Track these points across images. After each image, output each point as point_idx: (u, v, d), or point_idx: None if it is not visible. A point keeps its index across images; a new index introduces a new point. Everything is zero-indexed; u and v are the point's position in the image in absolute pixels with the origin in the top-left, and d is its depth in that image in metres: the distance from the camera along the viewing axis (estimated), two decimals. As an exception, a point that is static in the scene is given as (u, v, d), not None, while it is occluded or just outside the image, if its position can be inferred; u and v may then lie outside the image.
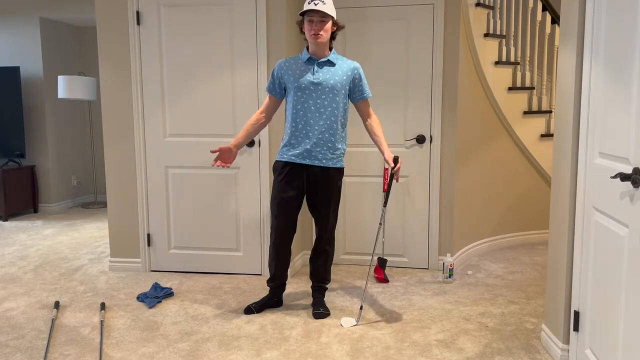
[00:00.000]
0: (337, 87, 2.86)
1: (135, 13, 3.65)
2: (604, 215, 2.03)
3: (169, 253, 3.83)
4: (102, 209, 6.42)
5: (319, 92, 2.84)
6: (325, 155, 2.89)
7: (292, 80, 2.87)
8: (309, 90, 2.84)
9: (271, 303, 3.13)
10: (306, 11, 2.74)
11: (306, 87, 2.84)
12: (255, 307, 3.06)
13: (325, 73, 2.85)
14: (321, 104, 2.84)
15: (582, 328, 2.24)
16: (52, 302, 3.26)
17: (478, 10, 4.04)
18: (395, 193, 3.89)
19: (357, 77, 2.91)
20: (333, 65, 2.87)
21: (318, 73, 2.85)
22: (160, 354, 2.56)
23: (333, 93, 2.85)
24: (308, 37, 2.81)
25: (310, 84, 2.84)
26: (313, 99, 2.84)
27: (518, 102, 4.43)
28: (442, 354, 2.54)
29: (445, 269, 3.60)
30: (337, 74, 2.86)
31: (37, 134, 6.14)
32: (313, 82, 2.84)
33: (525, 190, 4.60)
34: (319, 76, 2.84)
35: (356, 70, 2.91)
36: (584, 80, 2.22)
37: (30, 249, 4.55)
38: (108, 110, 3.79)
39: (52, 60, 6.19)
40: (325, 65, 2.87)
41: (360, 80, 2.92)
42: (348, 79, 2.88)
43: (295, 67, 2.88)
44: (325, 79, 2.84)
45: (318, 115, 2.85)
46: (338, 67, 2.88)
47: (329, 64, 2.87)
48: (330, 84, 2.84)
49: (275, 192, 2.93)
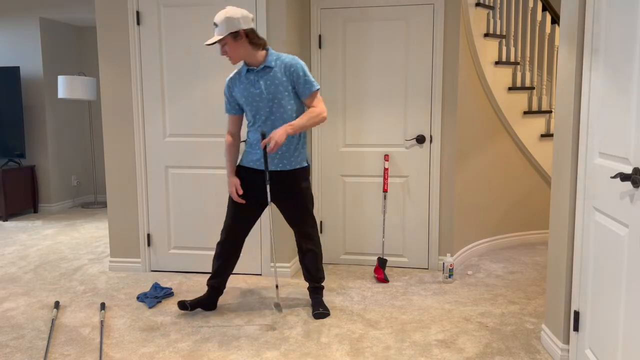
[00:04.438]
0: (280, 91, 2.79)
1: (135, 13, 3.65)
2: (604, 215, 2.03)
3: (169, 253, 3.83)
4: (102, 209, 6.42)
5: (264, 101, 2.81)
6: (282, 160, 2.90)
7: (239, 96, 2.87)
8: (255, 102, 2.83)
9: (205, 304, 3.08)
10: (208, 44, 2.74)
11: (252, 99, 2.82)
12: (190, 304, 3.04)
13: (265, 81, 2.79)
14: (269, 111, 2.83)
15: (582, 328, 2.24)
16: (52, 302, 3.26)
17: (478, 10, 4.04)
18: (395, 193, 3.89)
19: (295, 74, 2.79)
20: (271, 70, 2.79)
21: (258, 83, 2.80)
22: (160, 354, 2.56)
23: (277, 98, 2.80)
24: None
25: (254, 96, 2.82)
26: (261, 108, 2.83)
27: (518, 102, 4.43)
28: (442, 354, 2.54)
29: (445, 269, 3.60)
30: (277, 77, 2.79)
31: (37, 134, 6.14)
32: (255, 94, 2.81)
33: (525, 190, 4.60)
34: (260, 86, 2.80)
35: (292, 68, 2.78)
36: (584, 80, 2.22)
37: (30, 249, 4.55)
38: (108, 110, 3.79)
39: (52, 60, 6.19)
40: (264, 73, 2.80)
41: (299, 77, 2.80)
42: (288, 80, 2.80)
43: (239, 82, 2.85)
44: (265, 87, 2.79)
45: (270, 123, 2.85)
46: (277, 70, 2.79)
47: (267, 70, 2.80)
48: (272, 90, 2.79)
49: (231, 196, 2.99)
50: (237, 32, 2.70)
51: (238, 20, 2.69)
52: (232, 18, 2.68)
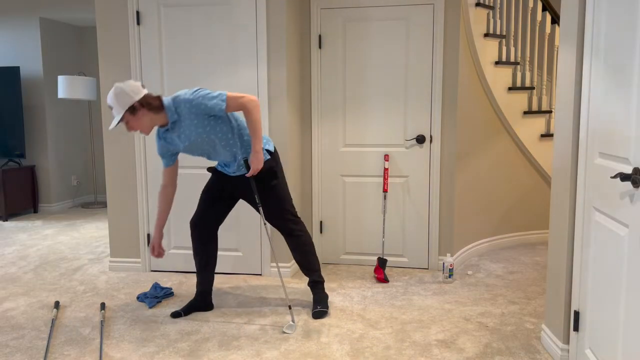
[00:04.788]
0: (202, 131, 2.75)
1: (135, 13, 3.65)
2: (604, 215, 2.02)
3: (169, 253, 3.83)
4: (102, 209, 6.42)
5: (199, 144, 2.81)
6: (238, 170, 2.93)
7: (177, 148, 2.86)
8: (193, 149, 2.84)
9: (198, 306, 3.08)
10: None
11: (188, 149, 2.84)
12: (183, 310, 3.04)
13: (183, 131, 2.75)
14: (211, 147, 2.84)
15: (582, 328, 2.24)
16: (52, 302, 3.26)
17: (478, 10, 4.04)
18: (395, 193, 3.89)
19: (199, 109, 2.68)
20: (180, 120, 2.73)
21: (180, 137, 2.78)
22: (160, 354, 2.56)
23: (202, 137, 2.77)
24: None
25: (186, 148, 2.84)
26: (196, 150, 2.84)
27: (518, 102, 4.43)
28: (442, 354, 2.54)
29: (445, 269, 3.60)
30: (188, 123, 2.72)
31: (37, 134, 6.14)
32: (186, 145, 2.82)
33: (525, 190, 4.60)
34: (183, 138, 2.78)
35: (192, 108, 2.67)
36: (584, 80, 2.22)
37: (30, 249, 4.55)
38: (108, 110, 3.79)
39: (52, 60, 6.19)
40: (177, 126, 2.75)
41: (205, 108, 2.67)
42: (199, 117, 2.71)
43: (167, 137, 2.82)
44: (187, 136, 2.76)
45: (214, 154, 2.88)
46: (185, 117, 2.71)
47: (177, 123, 2.74)
48: (194, 134, 2.75)
49: (205, 188, 3.06)
50: (133, 106, 2.63)
51: (129, 95, 2.62)
52: (122, 94, 2.62)
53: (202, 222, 3.02)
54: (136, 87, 2.66)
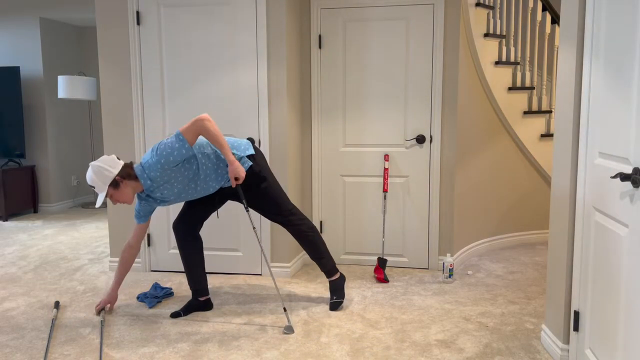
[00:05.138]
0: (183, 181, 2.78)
1: (135, 13, 3.65)
2: (604, 215, 2.02)
3: (169, 253, 3.83)
4: (102, 208, 6.42)
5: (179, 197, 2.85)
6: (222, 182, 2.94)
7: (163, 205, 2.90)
8: (181, 198, 2.87)
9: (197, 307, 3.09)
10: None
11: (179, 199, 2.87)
12: (183, 311, 3.04)
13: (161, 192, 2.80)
14: (190, 192, 2.86)
15: (582, 328, 2.24)
16: (52, 302, 3.26)
17: (478, 10, 4.04)
18: (395, 193, 3.89)
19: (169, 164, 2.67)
20: (154, 184, 2.75)
21: (164, 195, 2.81)
22: (160, 354, 2.56)
23: (191, 182, 2.81)
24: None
25: (168, 203, 2.88)
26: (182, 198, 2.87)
27: (518, 102, 4.43)
28: (442, 354, 2.54)
29: (445, 269, 3.60)
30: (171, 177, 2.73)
31: (37, 134, 6.14)
32: (167, 202, 2.87)
33: (525, 190, 4.60)
34: (167, 194, 2.80)
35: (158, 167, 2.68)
36: (584, 80, 2.22)
37: (30, 249, 4.55)
38: (108, 110, 3.79)
39: (52, 60, 6.19)
40: (155, 190, 2.79)
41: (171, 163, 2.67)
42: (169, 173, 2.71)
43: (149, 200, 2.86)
44: (170, 192, 2.80)
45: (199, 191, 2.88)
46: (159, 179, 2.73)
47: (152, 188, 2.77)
48: (173, 188, 2.79)
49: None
50: (115, 180, 2.69)
51: (108, 170, 2.67)
52: (101, 171, 2.66)
53: (180, 222, 3.04)
54: (112, 160, 2.71)
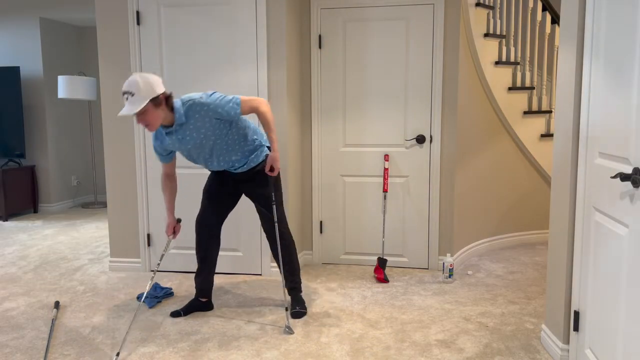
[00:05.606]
0: (209, 134, 2.74)
1: (135, 13, 3.65)
2: (604, 215, 2.02)
3: (169, 253, 3.83)
4: (102, 209, 6.42)
5: (200, 147, 2.78)
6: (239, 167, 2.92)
7: (175, 150, 2.85)
8: (194, 152, 2.81)
9: (198, 306, 3.08)
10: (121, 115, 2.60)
11: (187, 152, 2.83)
12: (183, 310, 3.04)
13: (190, 134, 2.71)
14: (210, 151, 2.82)
15: (582, 328, 2.24)
16: (52, 302, 3.26)
17: (478, 10, 4.04)
18: (395, 193, 3.89)
19: (216, 115, 2.68)
20: (188, 122, 2.69)
21: (185, 139, 2.74)
22: (160, 354, 2.56)
23: (211, 139, 2.76)
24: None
25: (189, 150, 2.80)
26: (202, 152, 2.82)
27: (518, 102, 4.43)
28: (442, 354, 2.54)
29: (445, 269, 3.60)
30: (198, 126, 2.70)
31: (37, 134, 6.14)
32: (189, 148, 2.79)
33: (525, 190, 4.60)
34: (188, 140, 2.74)
35: (208, 113, 2.67)
36: (584, 80, 2.22)
37: (30, 249, 4.55)
38: (108, 110, 3.79)
39: (52, 60, 6.19)
40: (183, 128, 2.71)
41: (220, 114, 2.68)
42: (211, 121, 2.70)
43: (167, 140, 2.78)
44: (192, 138, 2.73)
45: (217, 157, 2.85)
46: (194, 120, 2.68)
47: (184, 125, 2.70)
48: (202, 136, 2.73)
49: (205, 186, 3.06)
50: (157, 97, 2.55)
51: (155, 86, 2.54)
52: (149, 84, 2.52)
53: (205, 220, 3.02)
54: (159, 81, 2.61)
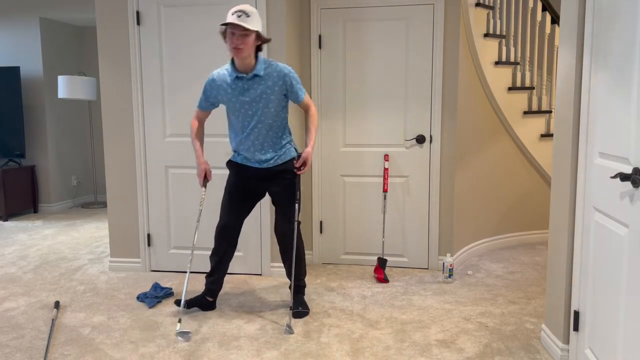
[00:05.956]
0: (271, 99, 2.81)
1: (135, 13, 3.65)
2: (604, 215, 2.03)
3: (169, 253, 3.83)
4: (102, 209, 6.42)
5: (253, 109, 2.82)
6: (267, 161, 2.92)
7: (225, 100, 2.85)
8: (243, 109, 2.82)
9: (201, 303, 3.09)
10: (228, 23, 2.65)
11: (240, 106, 2.82)
12: (186, 302, 3.05)
13: (255, 89, 2.79)
14: (258, 119, 2.83)
15: (582, 328, 2.24)
16: (52, 302, 3.26)
17: (478, 10, 4.04)
18: (395, 193, 3.89)
19: (289, 84, 2.84)
20: (262, 78, 2.79)
21: (249, 91, 2.79)
22: (160, 354, 2.56)
23: (267, 107, 2.82)
24: (230, 49, 2.70)
25: (242, 104, 2.81)
26: (249, 115, 2.83)
27: (518, 102, 4.43)
28: (442, 354, 2.54)
29: (445, 269, 3.60)
30: (268, 85, 2.79)
31: (37, 134, 6.14)
32: (245, 101, 2.80)
33: (525, 190, 4.60)
34: (250, 94, 2.79)
35: (287, 78, 2.82)
36: (584, 80, 2.22)
37: (30, 249, 4.55)
38: (108, 110, 3.79)
39: (52, 60, 6.19)
40: (253, 82, 2.78)
41: (292, 86, 2.85)
42: (280, 89, 2.82)
43: (226, 86, 2.82)
44: (256, 95, 2.79)
45: (257, 130, 2.85)
46: (267, 78, 2.79)
47: (256, 79, 2.78)
48: (263, 98, 2.80)
49: (226, 188, 3.02)
50: (261, 35, 2.74)
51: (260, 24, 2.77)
52: (259, 18, 2.74)
53: (228, 231, 3.00)
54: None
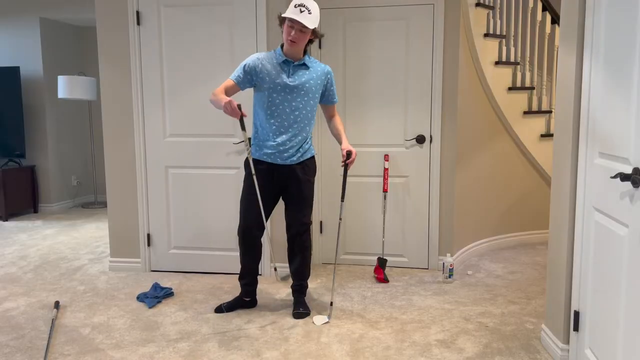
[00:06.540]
0: (312, 90, 2.89)
1: (135, 13, 3.65)
2: (604, 215, 2.03)
3: (169, 253, 3.83)
4: (102, 209, 6.42)
5: (294, 94, 2.85)
6: (292, 156, 2.91)
7: (267, 81, 2.84)
8: (284, 93, 2.83)
9: (242, 303, 3.11)
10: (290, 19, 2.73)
11: (282, 89, 2.83)
12: (225, 307, 3.07)
13: (300, 76, 2.86)
14: (296, 106, 2.85)
15: (582, 328, 2.24)
16: (52, 302, 3.26)
17: (478, 10, 4.04)
18: (395, 193, 3.89)
19: (329, 82, 2.97)
20: (307, 69, 2.89)
21: (294, 76, 2.85)
22: (160, 354, 2.56)
23: (308, 96, 2.87)
24: (285, 39, 2.79)
25: (286, 87, 2.83)
26: (288, 101, 2.84)
27: (518, 102, 4.43)
28: (442, 354, 2.54)
29: (445, 269, 3.60)
30: (312, 77, 2.89)
31: (37, 134, 6.14)
32: (289, 85, 2.83)
33: (525, 190, 4.60)
34: (295, 79, 2.85)
35: (329, 75, 2.96)
36: (584, 80, 2.22)
37: (30, 249, 4.55)
38: (108, 110, 3.79)
39: (52, 60, 6.19)
40: (300, 68, 2.87)
41: (332, 85, 2.98)
42: (322, 83, 2.93)
43: (270, 67, 2.85)
44: (301, 82, 2.85)
45: (293, 118, 2.86)
46: (312, 71, 2.89)
47: (303, 67, 2.88)
48: (306, 87, 2.86)
49: (247, 187, 2.96)
50: (316, 31, 2.83)
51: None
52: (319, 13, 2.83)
53: (251, 232, 2.99)
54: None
